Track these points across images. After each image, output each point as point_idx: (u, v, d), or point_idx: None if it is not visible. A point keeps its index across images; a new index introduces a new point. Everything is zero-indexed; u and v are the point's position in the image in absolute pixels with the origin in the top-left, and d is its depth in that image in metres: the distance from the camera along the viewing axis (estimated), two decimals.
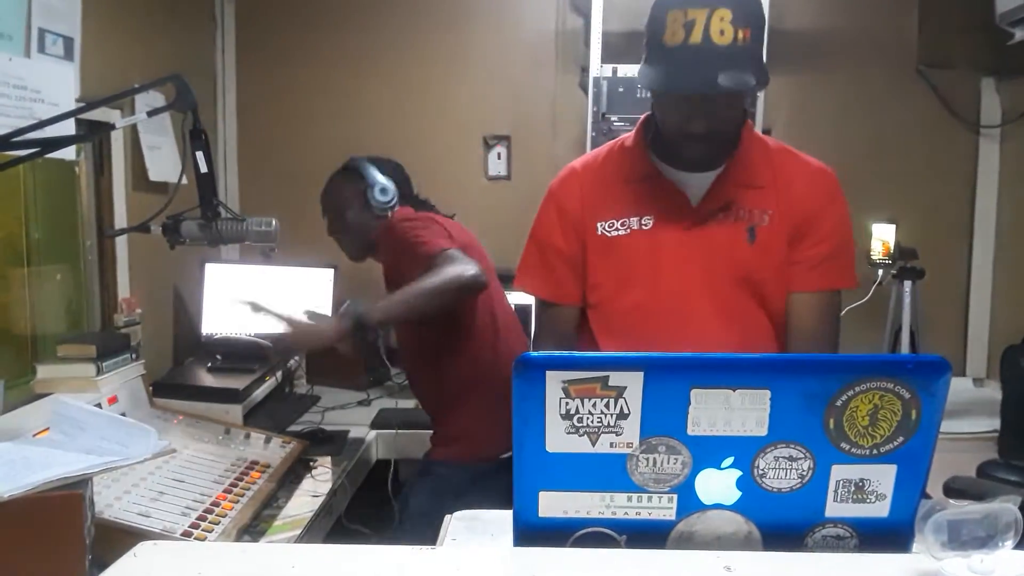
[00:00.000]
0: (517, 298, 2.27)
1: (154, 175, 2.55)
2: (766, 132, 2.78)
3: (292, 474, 2.15)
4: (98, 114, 2.07)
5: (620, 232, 1.51)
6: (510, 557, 0.93)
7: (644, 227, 1.49)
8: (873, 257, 2.71)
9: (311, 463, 2.26)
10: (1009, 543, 0.82)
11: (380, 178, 2.12)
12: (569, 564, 0.89)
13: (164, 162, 2.61)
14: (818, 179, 1.52)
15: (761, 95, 2.66)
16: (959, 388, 2.89)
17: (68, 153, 2.17)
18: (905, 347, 2.67)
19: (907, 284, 2.69)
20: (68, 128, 1.89)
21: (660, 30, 1.34)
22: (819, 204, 1.50)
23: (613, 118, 2.71)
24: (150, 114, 1.71)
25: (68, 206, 2.37)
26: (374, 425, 2.53)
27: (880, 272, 2.73)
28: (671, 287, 1.48)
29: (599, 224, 1.52)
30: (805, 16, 3.03)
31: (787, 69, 2.94)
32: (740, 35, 1.30)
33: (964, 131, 3.05)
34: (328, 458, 2.31)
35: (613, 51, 2.79)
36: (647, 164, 1.51)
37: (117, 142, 2.44)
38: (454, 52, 3.14)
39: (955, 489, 1.88)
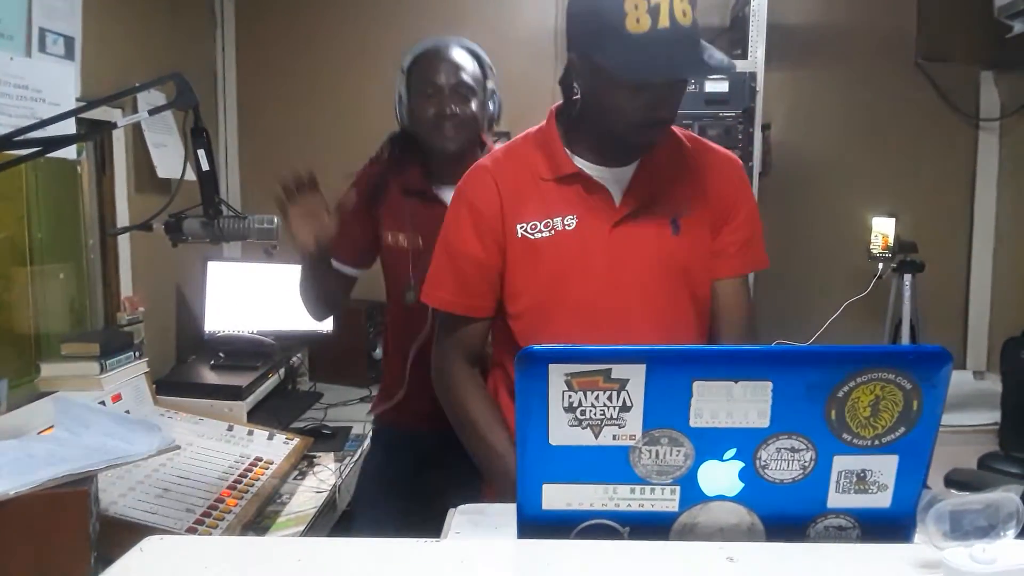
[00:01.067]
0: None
1: (162, 172, 2.57)
2: (765, 127, 2.78)
3: (295, 470, 2.16)
4: (99, 113, 2.07)
5: (544, 234, 1.43)
6: (514, 549, 0.93)
7: (568, 227, 1.43)
8: (873, 251, 2.72)
9: (314, 459, 2.27)
10: (1011, 533, 0.82)
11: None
12: (572, 556, 0.89)
13: (170, 159, 2.62)
14: (729, 166, 1.51)
15: (760, 90, 2.66)
16: (959, 381, 2.89)
17: (70, 152, 2.18)
18: (905, 340, 2.68)
19: (907, 277, 2.70)
20: (69, 127, 1.89)
21: (618, 17, 1.26)
22: (734, 190, 1.50)
23: None
24: (151, 113, 1.71)
25: (70, 205, 2.38)
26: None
27: (880, 265, 2.74)
28: (604, 287, 1.43)
29: (519, 226, 1.44)
30: (804, 11, 3.03)
31: (786, 64, 2.94)
32: (695, 14, 1.27)
33: (963, 124, 3.06)
34: (331, 454, 2.32)
35: None
36: (566, 161, 1.45)
37: (119, 141, 2.45)
38: None
39: (956, 481, 1.89)
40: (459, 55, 1.85)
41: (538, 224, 1.44)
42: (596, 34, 1.30)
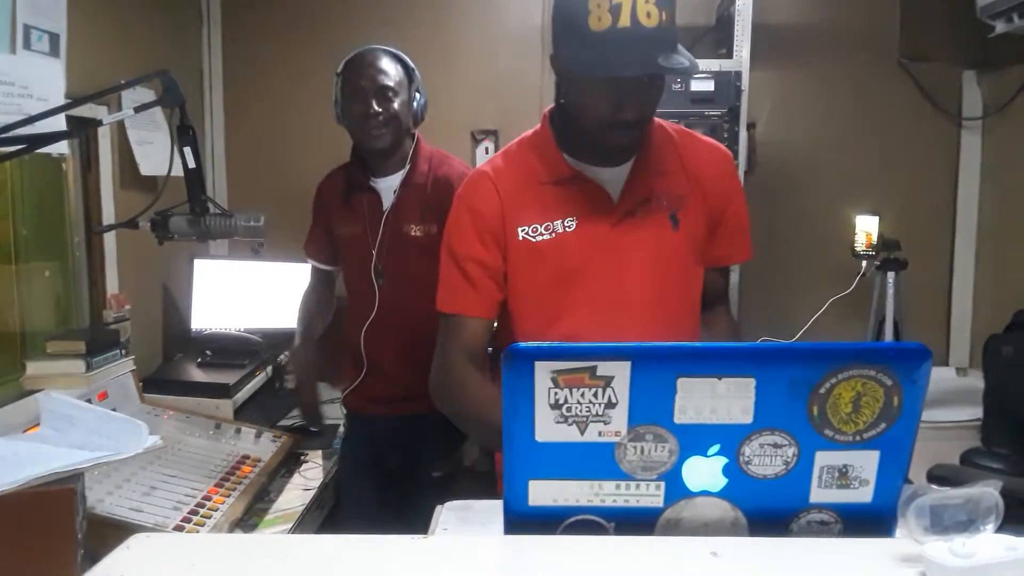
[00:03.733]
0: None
1: (145, 170, 2.55)
2: (750, 126, 2.80)
3: (283, 468, 2.16)
4: (85, 110, 2.06)
5: (544, 236, 1.45)
6: (500, 545, 0.94)
7: (568, 229, 1.45)
8: (856, 248, 2.74)
9: (302, 457, 2.27)
10: (990, 527, 0.83)
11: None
12: (559, 551, 0.90)
13: (155, 156, 2.61)
14: (719, 157, 1.54)
15: (745, 89, 2.68)
16: (942, 377, 2.92)
17: (55, 149, 2.17)
18: (889, 338, 2.70)
19: (890, 275, 2.72)
20: (55, 124, 1.88)
21: (582, 15, 1.28)
22: (727, 182, 1.54)
23: None
24: (137, 110, 1.71)
25: (56, 203, 2.37)
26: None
27: (864, 263, 2.76)
28: (608, 286, 1.45)
29: (520, 229, 1.46)
30: (787, 10, 3.05)
31: (770, 63, 2.96)
32: (664, 16, 1.27)
33: (946, 124, 3.08)
34: (319, 452, 2.33)
35: None
36: (562, 163, 1.47)
37: (104, 138, 2.44)
38: (441, 47, 3.15)
39: (938, 476, 1.91)
40: (383, 61, 2.04)
41: (539, 227, 1.46)
42: (563, 32, 1.35)
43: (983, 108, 3.04)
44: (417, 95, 2.11)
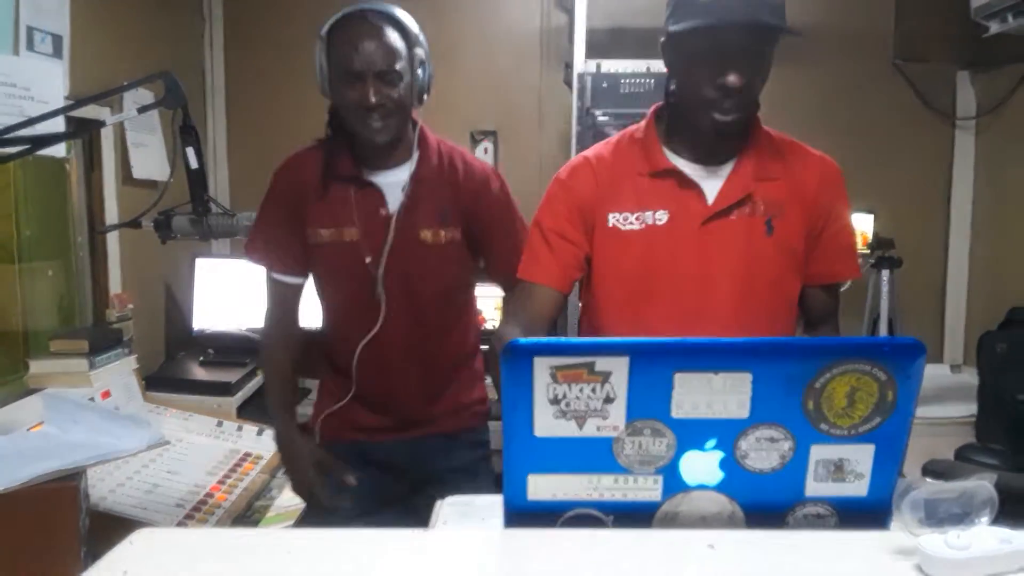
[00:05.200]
0: None
1: (139, 172, 2.56)
2: None
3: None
4: (88, 111, 2.07)
5: (634, 227, 1.46)
6: (500, 538, 0.94)
7: (658, 222, 1.45)
8: None
9: None
10: (985, 519, 0.84)
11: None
12: (557, 544, 0.91)
13: (149, 160, 2.61)
14: (828, 170, 1.52)
15: None
16: (937, 374, 2.93)
17: (58, 150, 2.18)
18: (883, 335, 2.71)
19: (885, 273, 2.73)
20: (58, 126, 1.89)
21: None
22: (832, 195, 1.51)
23: (598, 113, 2.74)
24: (140, 111, 1.72)
25: (59, 203, 2.38)
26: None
27: (858, 262, 2.77)
28: (688, 284, 1.45)
29: (611, 215, 1.47)
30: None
31: None
32: None
33: (940, 123, 3.10)
34: None
35: (597, 47, 2.81)
36: (661, 157, 1.48)
37: (107, 139, 2.45)
38: (441, 48, 3.11)
39: (933, 471, 1.92)
40: (382, 34, 1.61)
41: (630, 216, 1.47)
42: (673, 7, 1.39)
43: (977, 108, 3.05)
44: (420, 71, 1.67)
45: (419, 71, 1.65)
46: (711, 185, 1.46)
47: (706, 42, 1.35)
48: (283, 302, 1.79)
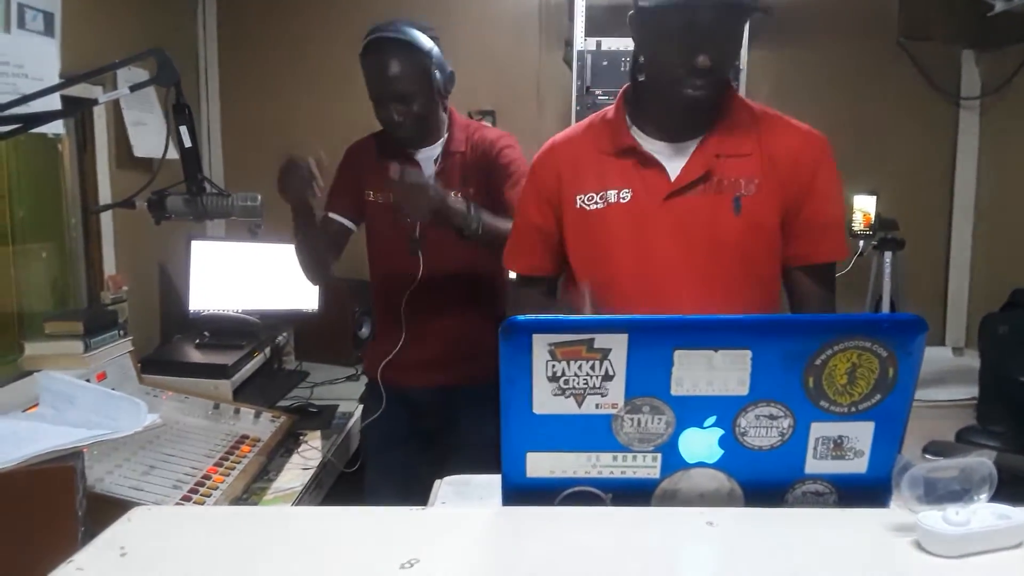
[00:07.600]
0: None
1: (139, 151, 2.55)
2: None
3: (282, 448, 2.17)
4: (80, 90, 2.06)
5: (598, 205, 1.48)
6: (498, 516, 0.94)
7: (622, 200, 1.46)
8: (854, 228, 2.74)
9: (301, 437, 2.28)
10: (984, 496, 0.83)
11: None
12: (556, 522, 0.91)
13: (149, 138, 2.60)
14: (810, 145, 1.47)
15: (744, 69, 2.67)
16: (938, 357, 2.92)
17: (51, 129, 2.16)
18: None
19: (887, 255, 2.72)
20: (50, 104, 1.88)
21: None
22: (812, 171, 1.45)
23: (597, 91, 2.72)
24: (132, 89, 1.70)
25: (52, 183, 2.37)
26: (362, 400, 2.55)
27: (861, 243, 2.76)
28: (649, 261, 1.45)
29: (577, 197, 1.50)
30: None
31: (768, 43, 2.95)
32: None
33: (944, 103, 3.08)
34: (317, 432, 2.34)
35: (597, 24, 2.79)
36: (625, 136, 1.48)
37: (100, 118, 2.43)
38: (439, 27, 3.11)
39: (934, 453, 1.92)
40: (394, 64, 1.93)
41: (594, 196, 1.49)
42: None
43: (981, 87, 3.03)
44: (437, 73, 2.00)
45: (436, 75, 2.00)
46: (676, 163, 1.45)
47: (677, 19, 1.34)
48: (334, 235, 2.13)
